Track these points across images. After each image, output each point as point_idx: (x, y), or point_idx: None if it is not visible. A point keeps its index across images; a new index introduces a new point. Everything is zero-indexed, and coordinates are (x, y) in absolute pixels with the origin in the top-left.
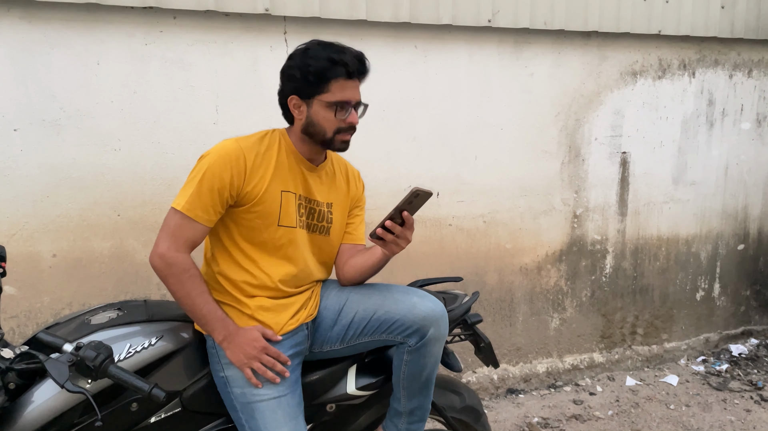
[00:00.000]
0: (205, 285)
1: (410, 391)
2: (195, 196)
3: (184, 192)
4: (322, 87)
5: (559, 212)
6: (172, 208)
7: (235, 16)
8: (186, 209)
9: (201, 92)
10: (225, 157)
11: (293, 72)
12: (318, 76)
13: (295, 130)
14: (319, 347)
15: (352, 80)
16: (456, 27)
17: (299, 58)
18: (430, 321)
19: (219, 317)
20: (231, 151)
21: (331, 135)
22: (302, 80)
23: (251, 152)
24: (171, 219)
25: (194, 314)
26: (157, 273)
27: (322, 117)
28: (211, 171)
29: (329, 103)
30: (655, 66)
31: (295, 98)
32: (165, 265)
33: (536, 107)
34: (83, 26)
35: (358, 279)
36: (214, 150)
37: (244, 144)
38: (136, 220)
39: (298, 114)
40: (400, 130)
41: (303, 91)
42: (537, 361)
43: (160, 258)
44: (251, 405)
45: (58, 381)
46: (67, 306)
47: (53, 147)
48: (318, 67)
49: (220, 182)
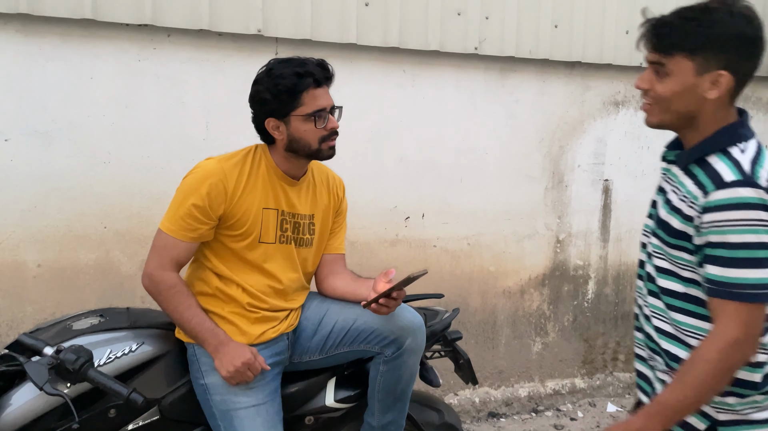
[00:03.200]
0: (193, 299)
1: (384, 404)
2: (177, 216)
3: (168, 212)
4: (295, 102)
5: (542, 236)
6: (159, 228)
7: (228, 36)
8: (169, 229)
9: (192, 108)
10: (206, 178)
11: (263, 95)
12: (289, 93)
13: (278, 149)
14: (299, 357)
15: (321, 87)
16: (444, 53)
17: (266, 81)
18: (407, 331)
19: (208, 328)
20: (212, 171)
21: (317, 145)
22: (274, 101)
23: (233, 172)
24: (157, 240)
25: (185, 328)
26: (147, 292)
27: (303, 130)
28: (193, 191)
29: (306, 115)
30: (637, 97)
31: (272, 120)
32: (152, 284)
33: (521, 133)
34: (78, 41)
35: (338, 298)
36: (196, 170)
37: (226, 164)
38: (123, 233)
39: (278, 134)
40: (387, 151)
41: (278, 111)
42: (519, 385)
43: (147, 278)
44: (230, 412)
45: (38, 384)
46: (51, 316)
47: (44, 158)
48: (287, 84)
49: (201, 202)
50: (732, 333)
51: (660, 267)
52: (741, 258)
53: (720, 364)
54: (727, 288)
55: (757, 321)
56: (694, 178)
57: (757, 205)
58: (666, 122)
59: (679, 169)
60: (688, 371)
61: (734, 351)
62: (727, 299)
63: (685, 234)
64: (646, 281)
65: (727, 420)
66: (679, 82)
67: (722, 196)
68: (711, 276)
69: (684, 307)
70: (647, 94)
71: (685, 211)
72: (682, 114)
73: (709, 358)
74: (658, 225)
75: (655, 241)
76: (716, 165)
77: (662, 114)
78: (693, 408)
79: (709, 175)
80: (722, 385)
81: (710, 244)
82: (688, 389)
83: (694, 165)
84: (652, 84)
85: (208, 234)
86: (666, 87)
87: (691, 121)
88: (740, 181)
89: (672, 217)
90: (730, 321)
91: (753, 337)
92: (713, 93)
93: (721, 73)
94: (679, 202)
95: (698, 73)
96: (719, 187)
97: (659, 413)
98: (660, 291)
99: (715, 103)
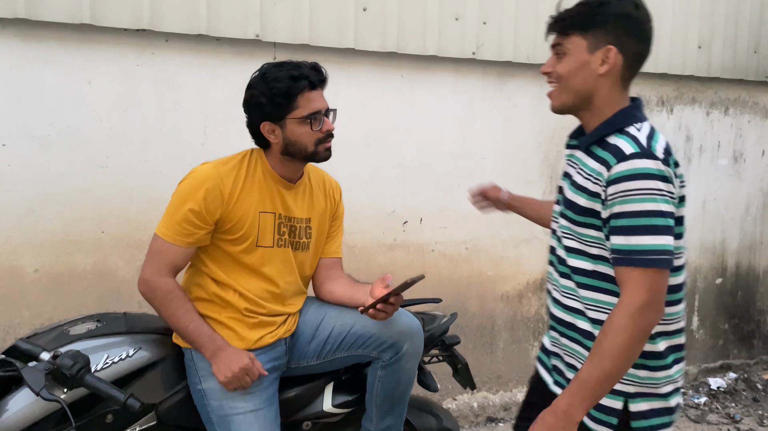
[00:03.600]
0: (190, 304)
1: (382, 410)
2: (174, 221)
3: (164, 218)
4: (291, 105)
5: (540, 241)
6: (155, 233)
7: (226, 41)
8: (165, 235)
9: (190, 113)
10: (202, 183)
11: (259, 99)
12: (284, 96)
13: (273, 152)
14: (297, 362)
15: (315, 90)
16: (441, 58)
17: (260, 85)
18: (405, 336)
19: (206, 333)
20: (208, 176)
21: (313, 148)
22: (270, 104)
23: (229, 177)
24: (153, 245)
25: (182, 333)
26: (144, 298)
27: (299, 133)
28: (188, 196)
29: (302, 118)
30: None
31: (267, 124)
32: (149, 290)
33: (519, 138)
34: (76, 46)
35: (335, 303)
36: (192, 175)
37: (222, 169)
38: (121, 237)
39: (273, 138)
40: (385, 155)
41: (273, 114)
42: (517, 390)
43: (144, 284)
44: (228, 418)
45: (34, 389)
46: (48, 321)
47: (41, 162)
48: (282, 88)
49: (198, 206)
50: (638, 299)
51: (569, 247)
52: (641, 225)
53: (631, 330)
54: (630, 256)
55: (661, 286)
56: (596, 157)
57: (655, 175)
58: (567, 104)
59: (581, 152)
60: (602, 342)
61: (643, 315)
62: (631, 266)
63: (591, 210)
64: (557, 264)
65: (636, 393)
66: (574, 59)
67: (623, 168)
68: (615, 246)
69: (592, 284)
70: (550, 77)
71: (591, 188)
72: (579, 93)
73: (619, 325)
74: (566, 206)
75: (564, 222)
76: (616, 142)
77: (563, 95)
78: (613, 379)
79: (610, 151)
80: (637, 351)
81: (614, 215)
82: (606, 360)
83: (595, 146)
84: (553, 66)
85: (205, 239)
86: (564, 66)
87: (588, 102)
88: (639, 153)
89: (578, 196)
90: (635, 287)
91: (658, 301)
92: (604, 68)
93: (610, 48)
94: (584, 180)
95: (590, 50)
96: (620, 160)
97: (582, 390)
98: (571, 271)
99: (608, 83)
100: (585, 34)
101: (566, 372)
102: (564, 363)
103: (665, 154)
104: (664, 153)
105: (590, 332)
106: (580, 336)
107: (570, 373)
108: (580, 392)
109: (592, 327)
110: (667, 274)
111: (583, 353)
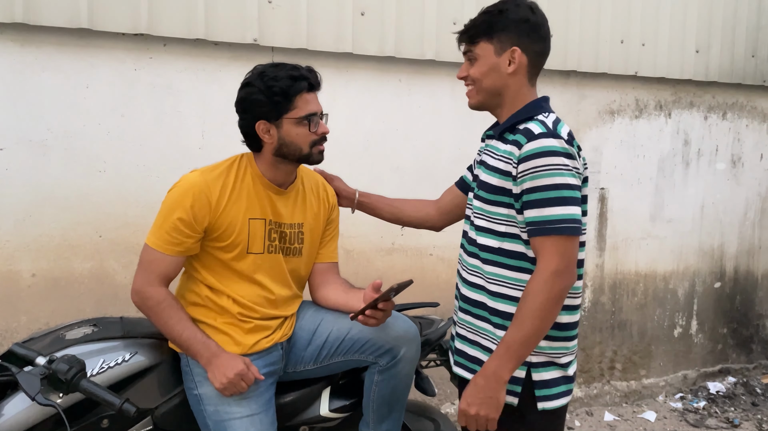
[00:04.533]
0: (183, 313)
1: (379, 415)
2: (163, 230)
3: (153, 227)
4: (289, 105)
5: None
6: (145, 243)
7: (224, 46)
8: (154, 244)
9: (188, 118)
10: (188, 191)
11: (256, 97)
12: (283, 95)
13: (265, 154)
14: (293, 367)
15: (312, 92)
16: (439, 62)
17: (259, 83)
18: (402, 341)
19: (200, 340)
20: (194, 183)
21: (308, 149)
22: (268, 103)
23: (216, 183)
24: (144, 255)
25: (176, 341)
26: (137, 308)
27: (295, 134)
28: (176, 205)
29: (299, 118)
30: (632, 106)
31: (262, 123)
32: (141, 300)
33: None
34: (74, 50)
35: (331, 308)
36: (179, 184)
37: (208, 176)
38: (118, 242)
39: (268, 138)
40: (383, 159)
41: (270, 113)
42: None
43: (136, 294)
44: (224, 423)
45: (30, 394)
46: (45, 326)
47: (39, 166)
48: (282, 86)
49: (186, 215)
50: (552, 264)
51: (479, 226)
52: (551, 197)
53: (546, 293)
54: (542, 226)
55: (572, 252)
56: (508, 141)
57: (560, 152)
58: (483, 101)
59: (495, 140)
60: (522, 307)
61: (557, 279)
62: (544, 235)
63: (503, 189)
64: (467, 245)
65: (538, 362)
66: (485, 63)
67: (532, 146)
68: (529, 219)
69: (496, 260)
70: (466, 81)
71: (503, 168)
72: (491, 91)
73: (536, 289)
74: (480, 187)
75: (477, 203)
76: (526, 125)
77: (478, 94)
78: (535, 340)
79: (521, 133)
80: (553, 314)
81: (526, 191)
82: (527, 322)
83: (507, 132)
84: (467, 71)
85: (194, 248)
86: (477, 69)
87: (500, 98)
88: (546, 133)
89: (491, 176)
90: (549, 254)
91: (571, 266)
92: (512, 67)
93: (514, 49)
94: (497, 161)
95: (497, 53)
96: (530, 140)
97: (507, 351)
98: (478, 249)
99: (516, 80)
100: (491, 40)
101: (469, 350)
102: (468, 342)
103: (569, 137)
104: (568, 136)
105: (492, 307)
106: (483, 312)
107: (474, 350)
108: (506, 354)
109: (492, 301)
110: (578, 241)
111: (487, 328)
